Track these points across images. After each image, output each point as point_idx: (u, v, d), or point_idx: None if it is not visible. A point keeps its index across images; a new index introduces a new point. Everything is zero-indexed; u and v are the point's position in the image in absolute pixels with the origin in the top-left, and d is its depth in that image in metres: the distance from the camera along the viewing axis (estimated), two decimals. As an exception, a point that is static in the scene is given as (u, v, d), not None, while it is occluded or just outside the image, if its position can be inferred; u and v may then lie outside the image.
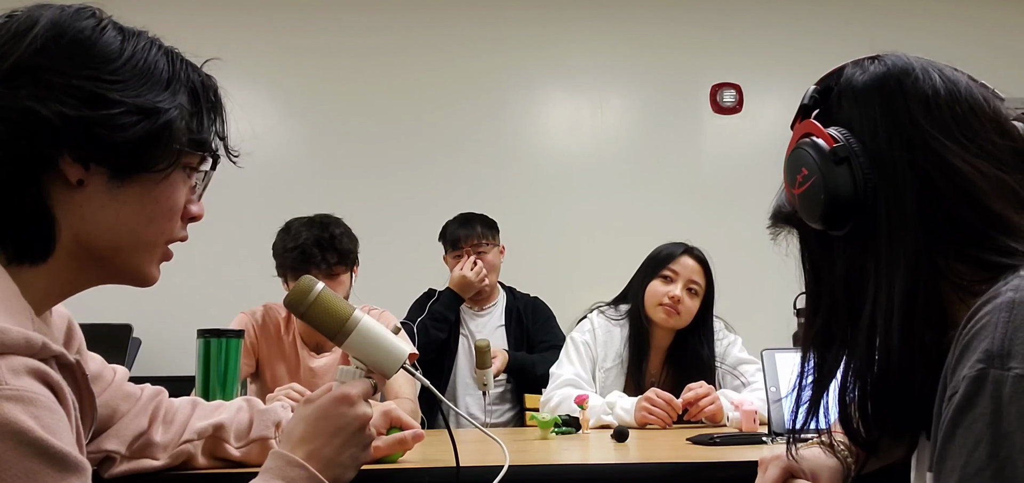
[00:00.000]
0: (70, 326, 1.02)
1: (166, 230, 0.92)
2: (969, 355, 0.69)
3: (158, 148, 0.86)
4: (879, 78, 0.85)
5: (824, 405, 0.92)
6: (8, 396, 0.70)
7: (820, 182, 0.83)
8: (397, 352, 1.10)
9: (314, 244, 2.30)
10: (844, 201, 0.82)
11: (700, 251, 2.42)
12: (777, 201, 0.97)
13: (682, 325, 2.37)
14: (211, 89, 0.94)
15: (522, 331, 3.13)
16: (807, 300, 0.93)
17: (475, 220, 3.16)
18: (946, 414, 0.70)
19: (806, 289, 0.94)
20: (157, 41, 0.90)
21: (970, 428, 0.67)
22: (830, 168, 0.83)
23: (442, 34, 4.20)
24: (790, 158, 0.89)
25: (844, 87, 0.88)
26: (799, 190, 0.87)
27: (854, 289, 0.85)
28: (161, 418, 1.20)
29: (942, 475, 0.70)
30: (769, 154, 4.19)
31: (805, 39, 4.23)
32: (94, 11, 0.86)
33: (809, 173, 0.85)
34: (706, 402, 2.11)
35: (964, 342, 0.71)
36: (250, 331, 2.40)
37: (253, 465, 1.20)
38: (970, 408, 0.68)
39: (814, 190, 0.84)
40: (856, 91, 0.86)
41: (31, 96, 0.79)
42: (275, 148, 4.05)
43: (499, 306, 3.21)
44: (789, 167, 0.89)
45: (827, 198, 0.83)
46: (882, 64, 0.87)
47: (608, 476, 1.44)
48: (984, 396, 0.67)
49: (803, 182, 0.86)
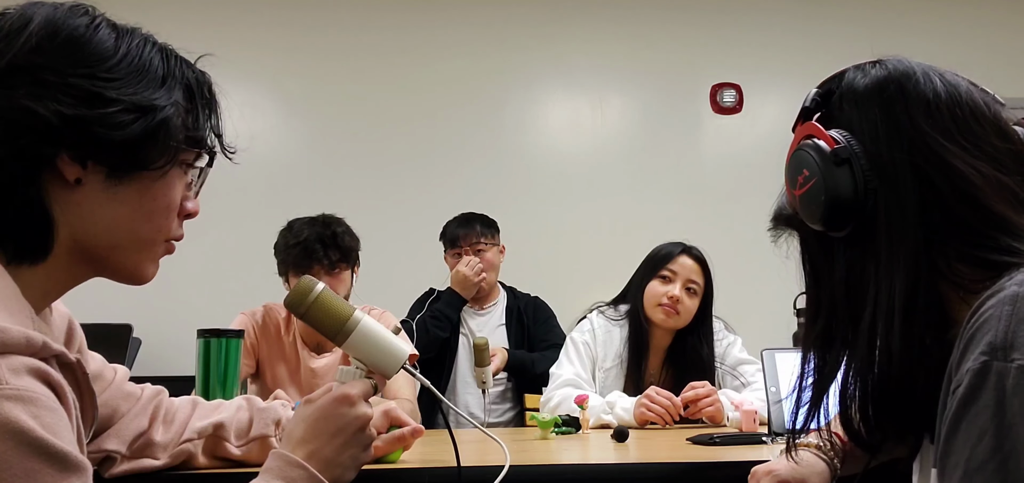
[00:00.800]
0: (71, 325, 1.02)
1: (164, 227, 0.91)
2: (973, 349, 0.69)
3: (155, 146, 0.86)
4: (880, 81, 0.86)
5: (824, 407, 0.92)
6: (9, 395, 0.70)
7: (821, 184, 0.84)
8: (397, 352, 1.10)
9: (317, 241, 2.30)
10: (844, 203, 0.83)
11: (698, 250, 2.42)
12: (778, 203, 0.97)
13: (681, 325, 2.37)
14: (206, 85, 0.94)
15: (523, 331, 3.13)
16: (807, 302, 0.94)
17: (475, 220, 3.17)
18: (950, 407, 0.70)
19: (806, 291, 0.94)
20: (151, 38, 0.90)
21: (974, 421, 0.67)
22: (831, 170, 0.83)
23: (442, 34, 4.20)
24: (791, 160, 0.89)
25: (846, 90, 0.88)
26: (800, 191, 0.87)
27: (854, 291, 0.85)
28: (161, 418, 1.20)
29: (946, 469, 0.70)
30: (769, 154, 4.22)
31: (805, 39, 4.23)
32: (86, 8, 0.86)
33: (810, 175, 0.85)
34: (706, 402, 2.11)
35: (968, 336, 0.71)
36: (250, 332, 2.40)
37: (253, 464, 1.21)
38: (974, 401, 0.67)
39: (815, 191, 0.85)
40: (857, 94, 0.87)
41: (28, 95, 0.79)
42: (275, 148, 4.05)
43: (499, 306, 3.21)
44: (790, 169, 0.89)
45: (828, 199, 0.83)
46: (883, 68, 0.87)
47: (608, 476, 1.44)
48: (987, 389, 0.67)
49: (804, 183, 0.86)
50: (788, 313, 2.15)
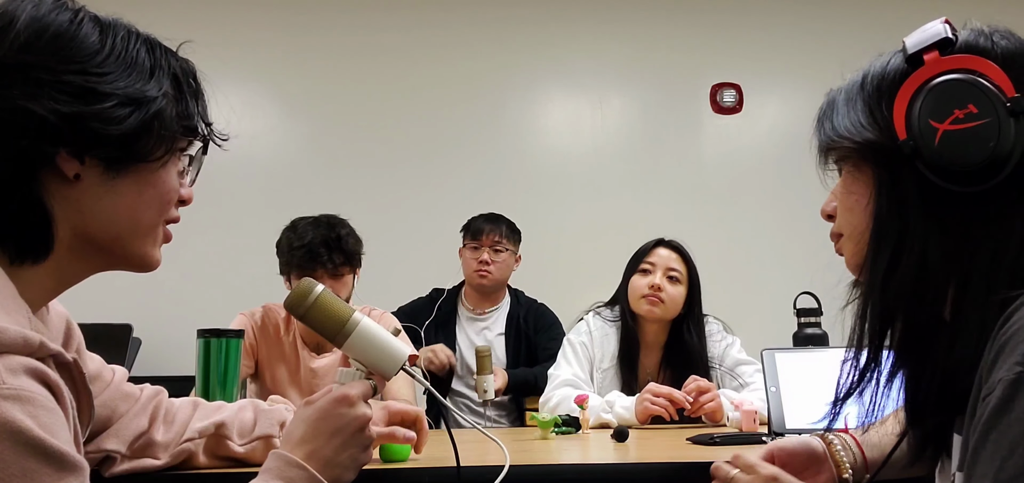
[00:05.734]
0: (68, 325, 1.01)
1: (163, 213, 0.92)
2: (1006, 357, 0.67)
3: (151, 137, 0.87)
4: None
5: (878, 398, 0.86)
6: (6, 395, 0.69)
7: (993, 126, 0.76)
8: (397, 354, 1.10)
9: (321, 244, 2.30)
10: (1004, 158, 0.75)
11: (675, 241, 2.46)
12: (851, 126, 0.85)
13: (670, 315, 2.38)
14: (191, 74, 0.94)
15: (522, 341, 3.10)
16: (877, 253, 0.83)
17: (503, 221, 3.16)
18: (980, 416, 0.68)
19: (880, 244, 0.82)
20: (134, 29, 0.90)
21: (1005, 433, 0.65)
22: (1006, 117, 0.76)
23: (442, 34, 4.20)
24: (944, 86, 0.78)
25: (973, 45, 0.82)
26: (954, 126, 0.77)
27: (956, 253, 0.78)
28: (162, 417, 1.20)
29: (974, 479, 0.68)
30: (769, 154, 4.19)
31: (805, 39, 4.23)
32: (67, 3, 0.86)
33: (979, 112, 0.76)
34: (707, 398, 2.11)
35: (1001, 342, 0.69)
36: (249, 332, 2.40)
37: (255, 464, 1.21)
38: (1006, 412, 0.65)
39: (980, 133, 0.76)
40: (1002, 53, 0.81)
41: (23, 95, 0.79)
42: (275, 148, 4.06)
43: (502, 312, 3.17)
44: (941, 96, 0.78)
45: (998, 147, 0.75)
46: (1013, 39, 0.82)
47: (608, 476, 1.44)
48: (1021, 400, 0.64)
49: (966, 119, 0.77)
50: (788, 313, 2.15)
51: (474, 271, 3.09)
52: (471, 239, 3.13)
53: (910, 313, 0.81)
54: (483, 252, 3.07)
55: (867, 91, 0.85)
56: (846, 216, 0.88)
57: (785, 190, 3.91)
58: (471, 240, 3.13)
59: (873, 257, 0.83)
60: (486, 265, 3.06)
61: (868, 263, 0.84)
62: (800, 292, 2.10)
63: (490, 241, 3.09)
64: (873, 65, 0.87)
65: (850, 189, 0.87)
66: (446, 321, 3.15)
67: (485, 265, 3.06)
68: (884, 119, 0.82)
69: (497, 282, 3.12)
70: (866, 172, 0.85)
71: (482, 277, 3.07)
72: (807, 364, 1.75)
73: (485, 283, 3.09)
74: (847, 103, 0.87)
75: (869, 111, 0.84)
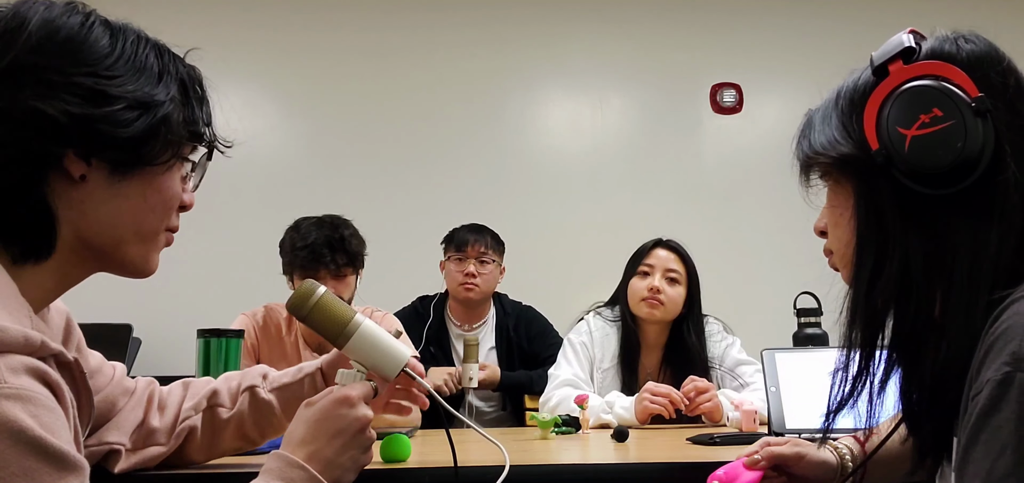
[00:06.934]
0: (69, 324, 1.02)
1: (165, 219, 0.93)
2: (994, 357, 0.68)
3: (158, 141, 0.88)
4: (988, 48, 0.83)
5: (873, 403, 0.86)
6: (7, 394, 0.70)
7: (959, 128, 0.76)
8: (397, 355, 1.11)
9: (325, 245, 2.30)
10: (974, 159, 0.76)
11: (674, 241, 2.45)
12: (820, 144, 0.87)
13: (669, 316, 2.38)
14: (197, 80, 0.95)
15: (514, 352, 3.04)
16: (860, 263, 0.84)
17: (487, 232, 3.08)
18: (970, 416, 0.68)
19: (862, 252, 0.84)
20: (143, 34, 0.91)
21: (995, 433, 0.65)
22: (971, 117, 0.76)
23: (442, 34, 4.20)
24: (909, 93, 0.80)
25: (936, 51, 0.84)
26: (922, 131, 0.78)
27: (937, 256, 0.78)
28: (156, 405, 1.22)
29: (965, 480, 0.68)
30: (769, 154, 4.17)
31: (805, 39, 4.22)
32: (78, 7, 0.87)
33: (945, 115, 0.77)
34: (705, 398, 2.11)
35: (989, 343, 0.69)
36: (250, 333, 2.40)
37: (246, 422, 1.22)
38: (995, 412, 0.66)
39: (947, 136, 0.76)
40: (964, 57, 0.82)
41: (34, 96, 0.80)
42: (275, 148, 4.05)
43: (490, 324, 3.11)
44: (907, 103, 0.80)
45: (966, 148, 0.76)
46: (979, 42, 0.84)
47: (608, 476, 1.44)
48: (1010, 401, 0.65)
49: (932, 123, 0.77)
50: (788, 313, 2.15)
51: (460, 284, 2.98)
52: (455, 251, 3.03)
53: (898, 319, 0.82)
54: (469, 264, 2.98)
55: (841, 106, 0.88)
56: (834, 231, 0.90)
57: (785, 190, 3.85)
58: (455, 251, 3.03)
59: (858, 267, 0.84)
60: (472, 278, 2.97)
61: (853, 273, 0.85)
62: (800, 292, 2.10)
63: (475, 252, 3.00)
64: (846, 81, 0.90)
65: (833, 204, 0.89)
66: (436, 337, 3.07)
67: (471, 278, 2.97)
68: (857, 131, 0.84)
69: (484, 294, 3.03)
70: (846, 186, 0.87)
71: (468, 290, 2.98)
72: (807, 364, 1.76)
73: (471, 296, 3.00)
74: (823, 120, 0.89)
75: (842, 125, 0.86)
